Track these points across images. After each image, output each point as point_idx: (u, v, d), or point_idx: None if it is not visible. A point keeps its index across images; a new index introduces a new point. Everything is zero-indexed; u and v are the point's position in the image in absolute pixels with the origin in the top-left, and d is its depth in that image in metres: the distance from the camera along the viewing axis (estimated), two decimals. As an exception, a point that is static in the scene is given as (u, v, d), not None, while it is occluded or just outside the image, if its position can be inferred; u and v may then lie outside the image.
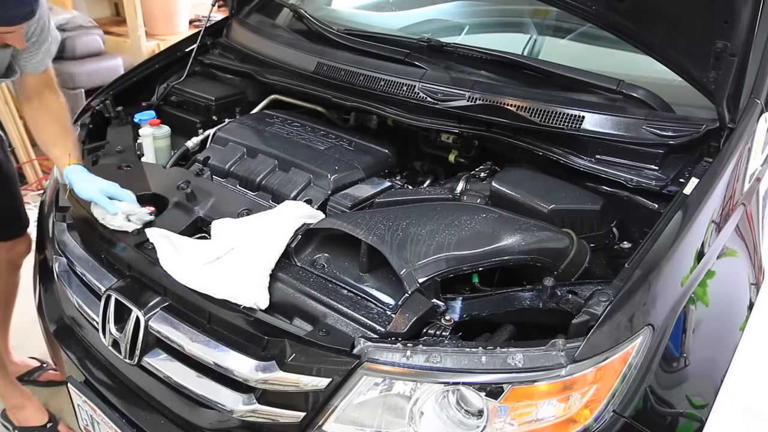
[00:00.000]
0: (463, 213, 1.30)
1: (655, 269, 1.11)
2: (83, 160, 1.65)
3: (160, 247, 1.34)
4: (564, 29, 1.95)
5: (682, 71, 1.43)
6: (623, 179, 1.41)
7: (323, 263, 1.29)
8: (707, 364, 1.30)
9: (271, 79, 1.96)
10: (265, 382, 1.16)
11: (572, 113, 1.46)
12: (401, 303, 1.16)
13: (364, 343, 1.08)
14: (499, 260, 1.21)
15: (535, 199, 1.40)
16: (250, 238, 1.31)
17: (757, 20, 1.27)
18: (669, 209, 1.24)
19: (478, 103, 1.56)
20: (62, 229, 1.62)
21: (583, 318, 1.04)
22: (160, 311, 1.32)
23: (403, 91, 1.66)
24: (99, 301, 1.41)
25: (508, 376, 1.02)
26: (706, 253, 1.26)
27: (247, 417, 1.19)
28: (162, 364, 1.31)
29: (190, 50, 2.18)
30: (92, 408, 1.46)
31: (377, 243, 1.20)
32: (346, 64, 1.78)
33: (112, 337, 1.36)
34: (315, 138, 1.76)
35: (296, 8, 2.09)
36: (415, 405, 1.07)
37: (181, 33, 4.43)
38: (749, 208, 1.49)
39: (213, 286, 1.23)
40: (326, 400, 1.11)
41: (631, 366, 1.07)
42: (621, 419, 1.05)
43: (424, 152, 1.82)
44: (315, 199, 1.52)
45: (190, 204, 1.50)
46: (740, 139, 1.34)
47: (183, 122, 2.00)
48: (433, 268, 1.17)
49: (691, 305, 1.21)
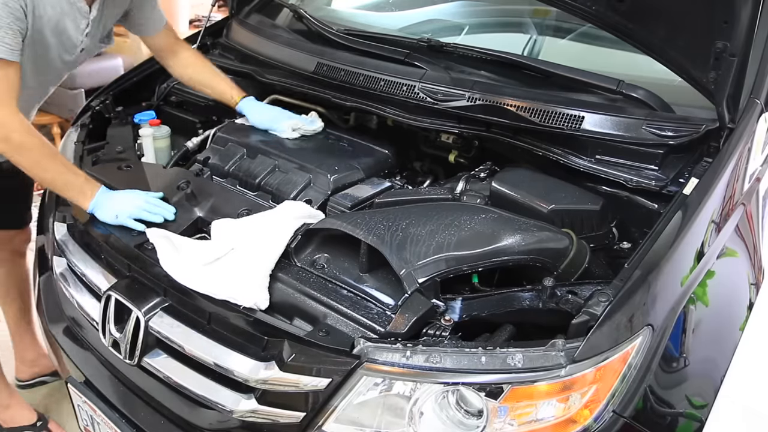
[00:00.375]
0: (463, 213, 1.30)
1: (654, 269, 1.11)
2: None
3: (160, 247, 1.34)
4: (564, 29, 1.95)
5: (682, 71, 1.43)
6: (623, 179, 1.41)
7: (323, 263, 1.29)
8: (707, 364, 1.30)
9: (271, 79, 1.96)
10: (265, 382, 1.16)
11: (572, 113, 1.46)
12: (401, 303, 1.16)
13: (363, 344, 1.08)
14: (498, 260, 1.21)
15: (535, 199, 1.40)
16: (250, 239, 1.31)
17: (757, 20, 1.26)
18: (669, 209, 1.24)
19: (477, 103, 1.56)
20: (62, 229, 1.62)
21: (582, 318, 1.04)
22: (160, 311, 1.32)
23: (403, 91, 1.66)
24: (99, 301, 1.41)
25: (507, 377, 1.02)
26: (706, 253, 1.26)
27: (247, 417, 1.19)
28: (162, 364, 1.31)
29: (190, 50, 2.18)
30: (92, 408, 1.47)
31: (377, 243, 1.20)
32: (346, 65, 1.78)
33: (112, 338, 1.36)
34: (315, 138, 1.76)
35: (296, 8, 2.09)
36: (415, 405, 1.07)
37: (181, 33, 4.40)
38: (749, 208, 1.49)
39: (213, 287, 1.23)
40: (326, 400, 1.11)
41: (630, 366, 1.07)
42: (621, 419, 1.05)
43: (424, 152, 1.82)
44: (315, 200, 1.52)
45: (190, 204, 1.50)
46: (740, 139, 1.34)
47: (183, 122, 2.00)
48: (433, 269, 1.17)
49: (691, 305, 1.21)
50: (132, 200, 1.47)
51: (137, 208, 1.45)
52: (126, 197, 1.49)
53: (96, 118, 1.97)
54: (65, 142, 1.89)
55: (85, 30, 1.60)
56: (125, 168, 1.67)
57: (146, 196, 1.49)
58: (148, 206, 1.46)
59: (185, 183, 1.56)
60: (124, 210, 1.45)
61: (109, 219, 1.46)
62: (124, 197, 1.49)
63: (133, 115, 1.95)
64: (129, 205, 1.46)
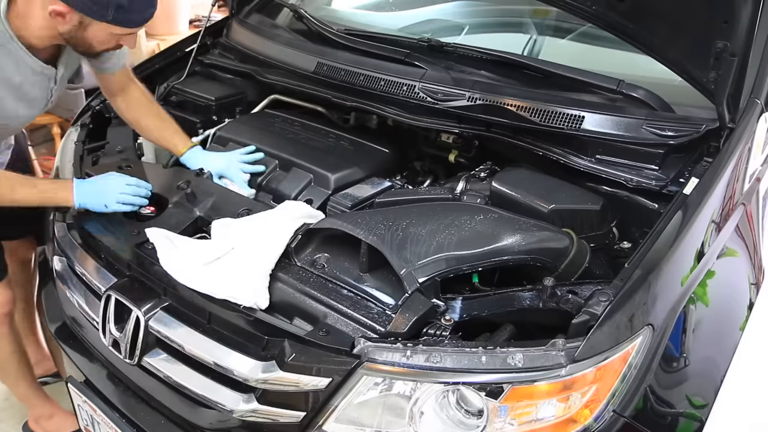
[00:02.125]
0: (463, 213, 1.30)
1: (655, 269, 1.11)
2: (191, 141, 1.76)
3: (160, 247, 1.34)
4: (564, 29, 1.95)
5: (682, 71, 1.43)
6: (623, 179, 1.41)
7: (323, 263, 1.29)
8: (707, 364, 1.30)
9: (271, 79, 1.96)
10: (265, 382, 1.16)
11: (572, 113, 1.46)
12: (401, 303, 1.16)
13: (364, 343, 1.08)
14: (499, 260, 1.21)
15: (535, 199, 1.40)
16: (250, 238, 1.31)
17: (757, 20, 1.26)
18: (669, 209, 1.24)
19: (478, 103, 1.56)
20: (62, 229, 1.62)
21: (583, 318, 1.04)
22: (160, 311, 1.31)
23: (403, 91, 1.66)
24: (99, 301, 1.41)
25: (508, 376, 1.02)
26: (706, 253, 1.26)
27: (247, 417, 1.19)
28: (162, 364, 1.31)
29: (190, 50, 2.18)
30: (92, 408, 1.47)
31: (377, 243, 1.20)
32: (346, 64, 1.78)
33: (112, 337, 1.36)
34: (315, 138, 1.76)
35: (296, 8, 2.09)
36: (415, 405, 1.07)
37: (181, 33, 4.42)
38: (749, 208, 1.49)
39: (213, 286, 1.23)
40: (326, 399, 1.11)
41: (631, 366, 1.07)
42: (621, 419, 1.05)
43: (424, 152, 1.82)
44: (315, 199, 1.52)
45: (190, 204, 1.50)
46: (740, 139, 1.34)
47: (183, 122, 1.99)
48: (433, 268, 1.17)
49: (691, 305, 1.21)
50: (112, 184, 1.49)
51: (120, 192, 1.48)
52: (105, 182, 1.50)
53: (96, 118, 1.96)
54: (65, 142, 1.88)
55: (52, 88, 1.59)
56: (125, 168, 1.67)
57: (122, 177, 1.52)
58: (128, 188, 1.49)
59: (185, 183, 1.56)
60: (109, 196, 1.47)
61: (99, 209, 1.48)
62: (103, 183, 1.50)
63: (133, 115, 1.95)
64: (112, 190, 1.47)
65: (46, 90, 1.57)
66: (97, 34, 1.41)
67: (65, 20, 1.36)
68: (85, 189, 1.49)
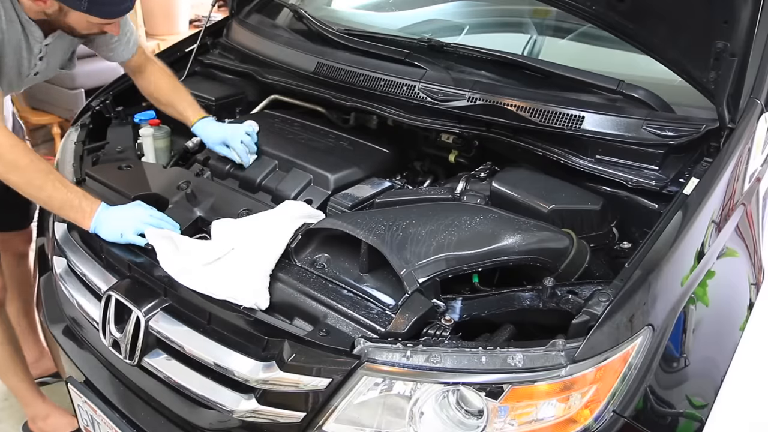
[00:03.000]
0: (463, 213, 1.30)
1: (655, 269, 1.11)
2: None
3: (160, 247, 1.34)
4: (564, 29, 1.95)
5: (682, 71, 1.43)
6: (623, 179, 1.41)
7: (323, 263, 1.29)
8: (707, 364, 1.30)
9: (271, 79, 1.96)
10: (265, 382, 1.16)
11: (572, 113, 1.46)
12: (401, 303, 1.16)
13: (364, 343, 1.08)
14: (499, 260, 1.21)
15: (535, 199, 1.40)
16: (250, 239, 1.31)
17: (757, 20, 1.26)
18: (669, 209, 1.24)
19: (478, 103, 1.56)
20: (62, 229, 1.62)
21: (583, 318, 1.04)
22: (161, 311, 1.32)
23: (403, 91, 1.66)
24: (99, 301, 1.41)
25: (508, 376, 1.02)
26: (706, 253, 1.26)
27: (247, 417, 1.19)
28: (162, 364, 1.31)
29: (190, 50, 2.18)
30: (92, 408, 1.47)
31: (377, 243, 1.20)
32: (346, 64, 1.78)
33: (113, 338, 1.36)
34: (315, 138, 1.76)
35: (296, 8, 2.09)
36: (415, 405, 1.07)
37: (181, 33, 4.43)
38: (749, 208, 1.49)
39: (213, 287, 1.23)
40: (326, 400, 1.11)
41: (631, 366, 1.07)
42: (621, 419, 1.05)
43: (424, 152, 1.82)
44: (315, 199, 1.52)
45: (190, 204, 1.50)
46: (740, 139, 1.34)
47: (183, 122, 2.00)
48: (433, 268, 1.17)
49: (691, 305, 1.21)
50: (134, 215, 1.41)
51: (141, 222, 1.39)
52: (127, 213, 1.42)
53: (96, 118, 1.97)
54: (65, 142, 1.88)
55: (38, 54, 1.60)
56: (125, 168, 1.67)
57: (148, 209, 1.43)
58: (152, 220, 1.40)
59: (185, 183, 1.56)
60: (127, 227, 1.39)
61: (114, 238, 1.40)
62: (126, 213, 1.42)
63: (133, 115, 1.95)
64: (132, 221, 1.39)
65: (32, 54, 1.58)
66: (78, 21, 1.49)
67: (46, 5, 1.45)
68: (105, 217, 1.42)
